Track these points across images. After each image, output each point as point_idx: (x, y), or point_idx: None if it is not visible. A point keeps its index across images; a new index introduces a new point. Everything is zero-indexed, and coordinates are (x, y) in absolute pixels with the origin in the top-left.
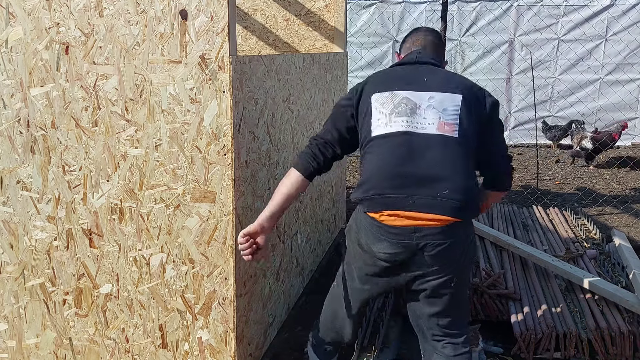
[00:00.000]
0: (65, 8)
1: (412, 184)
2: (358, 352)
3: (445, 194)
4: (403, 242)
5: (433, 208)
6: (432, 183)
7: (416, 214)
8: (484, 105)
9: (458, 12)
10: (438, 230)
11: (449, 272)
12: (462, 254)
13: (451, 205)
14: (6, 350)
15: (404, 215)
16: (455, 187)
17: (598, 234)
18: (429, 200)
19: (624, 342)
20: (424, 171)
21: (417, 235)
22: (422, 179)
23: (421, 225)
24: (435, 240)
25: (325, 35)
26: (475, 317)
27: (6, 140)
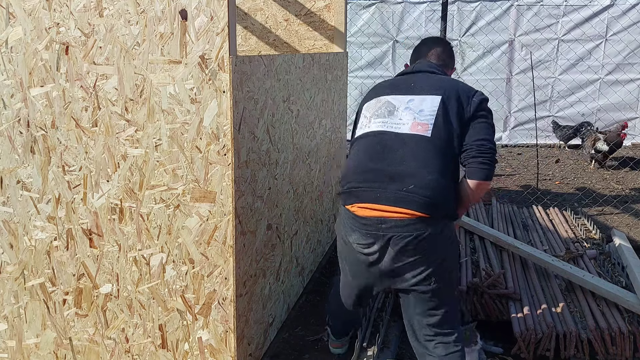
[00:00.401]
0: (65, 8)
1: (381, 179)
2: (358, 352)
3: (411, 189)
4: (371, 232)
5: (397, 202)
6: (401, 178)
7: (382, 207)
8: (469, 105)
9: (458, 12)
10: (404, 223)
11: (424, 268)
12: (435, 251)
13: (417, 201)
14: (6, 350)
15: (371, 207)
16: (421, 183)
17: (598, 234)
18: (395, 194)
19: (624, 342)
20: (394, 167)
21: (383, 227)
22: (392, 175)
23: (387, 217)
24: (401, 232)
25: (325, 35)
26: (475, 317)
27: (6, 140)
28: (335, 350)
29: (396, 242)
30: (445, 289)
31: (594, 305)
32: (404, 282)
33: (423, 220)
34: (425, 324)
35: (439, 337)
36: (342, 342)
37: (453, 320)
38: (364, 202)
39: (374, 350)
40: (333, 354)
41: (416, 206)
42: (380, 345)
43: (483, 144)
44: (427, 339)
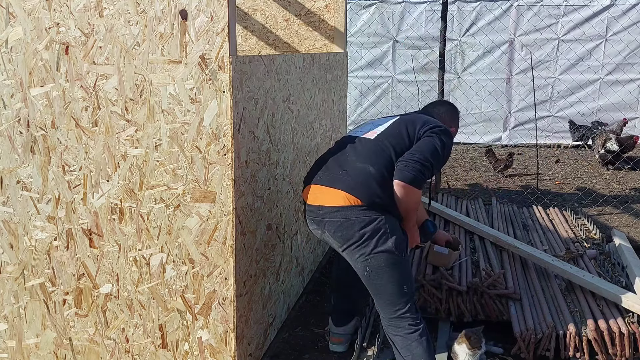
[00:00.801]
0: (65, 8)
1: (327, 166)
2: (358, 352)
3: (344, 172)
4: (314, 218)
5: (332, 183)
6: (340, 166)
7: (321, 188)
8: (422, 128)
9: (458, 12)
10: (334, 209)
11: (357, 256)
12: (364, 239)
13: (345, 181)
14: (6, 350)
15: (313, 188)
16: (353, 169)
17: (598, 234)
18: (331, 176)
19: (624, 342)
20: (339, 160)
21: (320, 213)
22: (334, 164)
23: (323, 205)
24: (331, 218)
25: (325, 35)
26: (475, 317)
27: (6, 140)
28: (334, 347)
29: (329, 227)
30: (386, 278)
31: (594, 305)
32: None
33: (350, 209)
34: (379, 309)
35: (392, 328)
36: (342, 335)
37: (401, 310)
38: (310, 184)
39: (374, 350)
40: (333, 354)
41: (343, 186)
42: (380, 345)
43: (413, 153)
44: (386, 327)
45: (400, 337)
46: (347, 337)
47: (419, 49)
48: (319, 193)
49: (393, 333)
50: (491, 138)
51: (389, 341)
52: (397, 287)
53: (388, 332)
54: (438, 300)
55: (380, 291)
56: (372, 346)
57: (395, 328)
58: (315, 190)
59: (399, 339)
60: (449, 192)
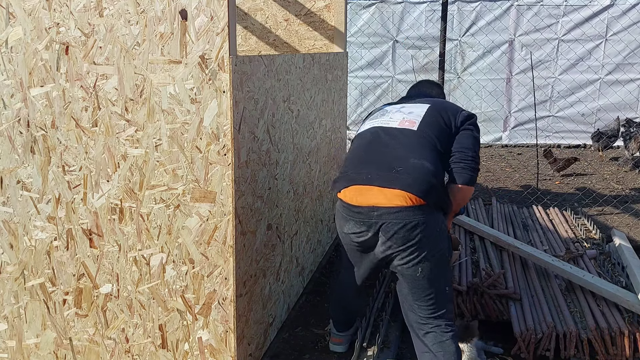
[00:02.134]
0: (65, 8)
1: (371, 164)
2: (358, 352)
3: (400, 170)
4: (364, 220)
5: (388, 182)
6: (389, 162)
7: (373, 188)
8: (455, 115)
9: (458, 12)
10: (394, 211)
11: (412, 257)
12: (422, 240)
13: (405, 180)
14: (6, 350)
15: (361, 189)
16: (409, 166)
17: (598, 234)
18: (385, 175)
19: (624, 342)
20: (383, 154)
21: (375, 214)
22: (381, 158)
23: (378, 205)
24: (391, 220)
25: (325, 35)
26: (475, 317)
27: (6, 140)
28: (335, 347)
29: (386, 229)
30: (434, 279)
31: (594, 305)
32: (394, 269)
33: (412, 209)
34: (415, 309)
35: (428, 326)
36: (342, 336)
37: (441, 310)
38: (355, 184)
39: (374, 350)
40: (333, 354)
41: (403, 185)
42: (380, 345)
43: (465, 152)
44: (419, 325)
45: (433, 334)
46: (348, 338)
47: (419, 49)
48: (370, 193)
49: (426, 330)
50: (491, 138)
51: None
52: (442, 287)
53: (418, 329)
54: None
55: (426, 292)
56: (372, 346)
57: (430, 326)
58: (363, 190)
59: (431, 335)
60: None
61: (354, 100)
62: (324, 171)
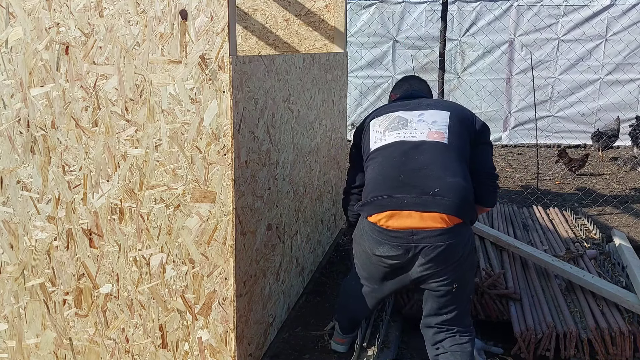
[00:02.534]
0: (65, 8)
1: (406, 185)
2: (358, 352)
3: (437, 191)
4: (402, 244)
5: (426, 206)
6: (425, 183)
7: (411, 213)
8: (473, 122)
9: (458, 12)
10: (436, 233)
11: (449, 275)
12: (461, 258)
13: (444, 203)
14: (6, 350)
15: (399, 214)
16: (446, 186)
17: (598, 234)
18: (421, 198)
19: (624, 342)
20: (416, 173)
21: (415, 238)
22: (415, 180)
23: (418, 229)
24: (433, 243)
25: (325, 35)
26: (475, 317)
27: (6, 140)
28: (337, 347)
29: (427, 252)
30: (463, 292)
31: (594, 305)
32: (427, 286)
33: (451, 230)
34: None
35: (449, 332)
36: (346, 338)
37: (464, 319)
38: (389, 210)
39: (374, 350)
40: (333, 354)
41: (443, 208)
42: (380, 345)
43: (491, 172)
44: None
45: (452, 338)
46: (350, 339)
47: (419, 49)
48: (409, 218)
49: (445, 336)
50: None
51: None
52: (469, 297)
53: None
54: None
55: (455, 303)
56: (372, 346)
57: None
58: (401, 216)
59: (450, 339)
60: None
61: (354, 100)
62: (324, 171)
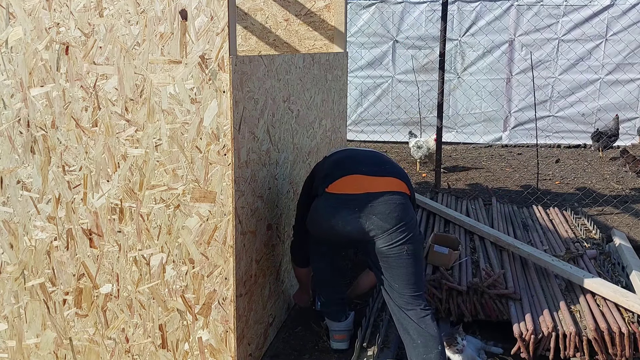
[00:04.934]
0: (65, 8)
1: (362, 163)
2: (358, 352)
3: (387, 167)
4: (359, 206)
5: (382, 173)
6: (377, 162)
7: (368, 177)
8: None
9: (458, 12)
10: (390, 193)
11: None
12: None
13: (395, 171)
14: (6, 350)
15: (355, 177)
16: (395, 166)
17: (598, 234)
18: (377, 168)
19: (624, 342)
20: (371, 159)
21: (369, 199)
22: (370, 162)
23: (374, 192)
24: (386, 200)
25: (325, 35)
26: (475, 317)
27: (6, 140)
28: (338, 345)
29: (381, 210)
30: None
31: (594, 305)
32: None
33: (403, 194)
34: (397, 289)
35: (409, 304)
36: (343, 331)
37: (421, 291)
38: (350, 174)
39: (374, 350)
40: (333, 354)
41: (396, 175)
42: (380, 345)
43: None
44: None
45: (415, 311)
46: (349, 333)
47: (419, 49)
48: (365, 181)
49: (408, 308)
50: (491, 138)
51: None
52: (420, 272)
53: (402, 308)
54: (438, 300)
55: (407, 272)
56: (372, 346)
57: (411, 305)
58: (358, 180)
59: (413, 312)
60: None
61: (354, 100)
62: None
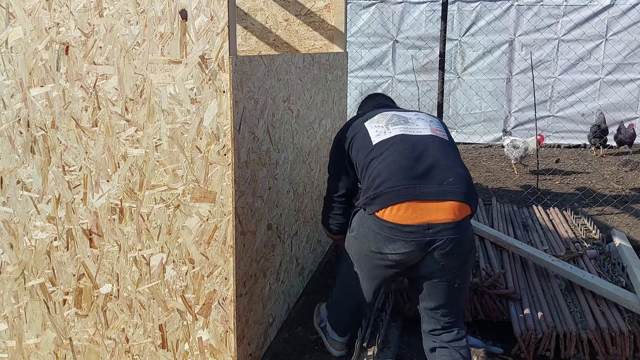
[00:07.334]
0: (65, 8)
1: (421, 178)
2: (358, 352)
3: (451, 181)
4: (417, 239)
5: (444, 195)
6: (439, 175)
7: (428, 204)
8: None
9: (458, 12)
10: (451, 226)
11: (456, 269)
12: (469, 252)
13: (458, 191)
14: (6, 350)
15: (415, 206)
16: (458, 176)
17: (598, 234)
18: (438, 188)
19: (624, 342)
20: (432, 168)
21: (430, 232)
22: (430, 174)
23: (434, 222)
24: (448, 235)
25: (325, 35)
26: (475, 317)
27: (6, 140)
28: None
29: (443, 246)
30: (464, 289)
31: (594, 305)
32: (429, 281)
33: (462, 223)
34: (438, 316)
35: (446, 330)
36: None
37: (461, 316)
38: (407, 200)
39: (374, 350)
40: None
41: (457, 196)
42: (380, 346)
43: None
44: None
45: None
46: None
47: (419, 49)
48: (425, 209)
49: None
50: (491, 138)
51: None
52: (467, 292)
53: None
54: None
55: (457, 300)
56: (372, 346)
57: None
58: (417, 207)
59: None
60: None
61: (354, 100)
62: (324, 171)
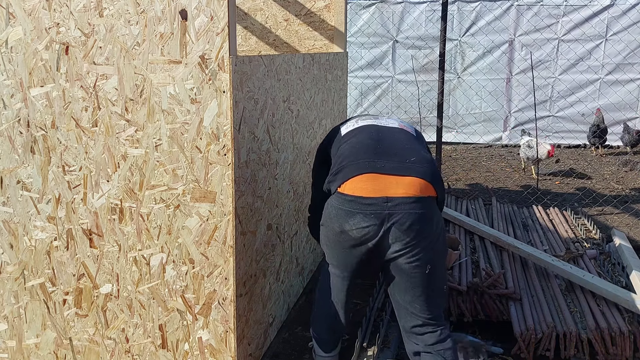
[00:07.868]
0: (65, 8)
1: (383, 153)
2: (358, 352)
3: (414, 160)
4: (376, 212)
5: (403, 171)
6: (401, 154)
7: (388, 177)
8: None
9: (458, 12)
10: (411, 200)
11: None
12: (434, 235)
13: (420, 170)
14: (6, 350)
15: (374, 178)
16: (421, 158)
17: (598, 234)
18: (399, 164)
19: (624, 342)
20: (393, 148)
21: (389, 205)
22: (392, 153)
23: (393, 196)
24: (408, 210)
25: (325, 35)
26: (475, 317)
27: (6, 140)
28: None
29: (402, 221)
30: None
31: (594, 305)
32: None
33: (425, 200)
34: (417, 310)
35: (427, 327)
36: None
37: (441, 309)
38: (367, 172)
39: (374, 350)
40: None
41: (420, 174)
42: (380, 346)
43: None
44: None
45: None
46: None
47: (419, 49)
48: (385, 182)
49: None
50: (491, 138)
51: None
52: (443, 285)
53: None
54: None
55: (432, 289)
56: (372, 346)
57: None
58: (377, 180)
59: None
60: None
61: (354, 100)
62: None
